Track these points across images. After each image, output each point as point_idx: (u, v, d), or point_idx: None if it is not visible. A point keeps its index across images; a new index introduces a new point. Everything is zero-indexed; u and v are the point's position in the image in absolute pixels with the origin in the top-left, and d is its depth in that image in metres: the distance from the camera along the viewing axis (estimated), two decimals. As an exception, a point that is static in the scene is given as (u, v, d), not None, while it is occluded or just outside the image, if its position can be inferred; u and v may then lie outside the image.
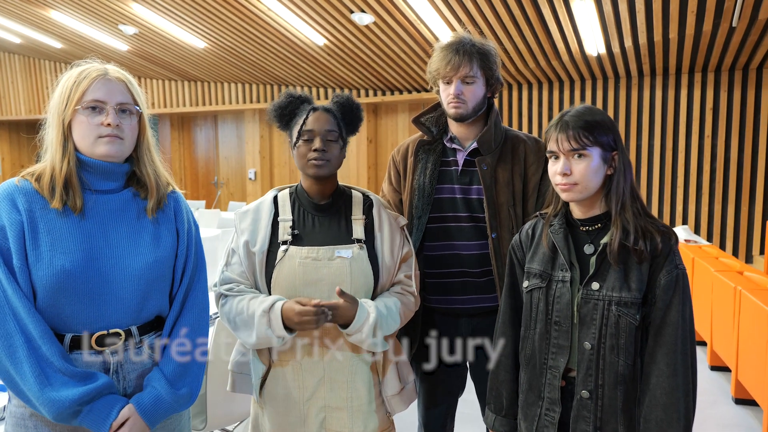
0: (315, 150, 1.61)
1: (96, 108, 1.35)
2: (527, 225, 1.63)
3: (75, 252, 1.31)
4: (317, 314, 1.49)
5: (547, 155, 1.48)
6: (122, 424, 1.32)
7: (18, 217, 1.29)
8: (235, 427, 2.67)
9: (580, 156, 1.40)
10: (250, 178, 10.70)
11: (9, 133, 13.01)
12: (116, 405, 1.32)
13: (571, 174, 1.41)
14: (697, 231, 7.34)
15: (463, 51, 1.83)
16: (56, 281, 1.28)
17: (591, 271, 1.42)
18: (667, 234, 1.40)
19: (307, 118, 1.65)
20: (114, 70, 1.41)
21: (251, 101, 10.22)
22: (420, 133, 2.03)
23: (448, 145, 1.96)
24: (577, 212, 1.49)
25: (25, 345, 1.24)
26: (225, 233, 5.96)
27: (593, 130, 1.39)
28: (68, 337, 1.32)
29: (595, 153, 1.40)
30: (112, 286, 1.35)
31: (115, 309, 1.35)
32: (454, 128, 1.95)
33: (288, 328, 1.55)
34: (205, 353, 1.52)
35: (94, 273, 1.32)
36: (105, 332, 1.35)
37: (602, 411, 1.40)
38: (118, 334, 1.37)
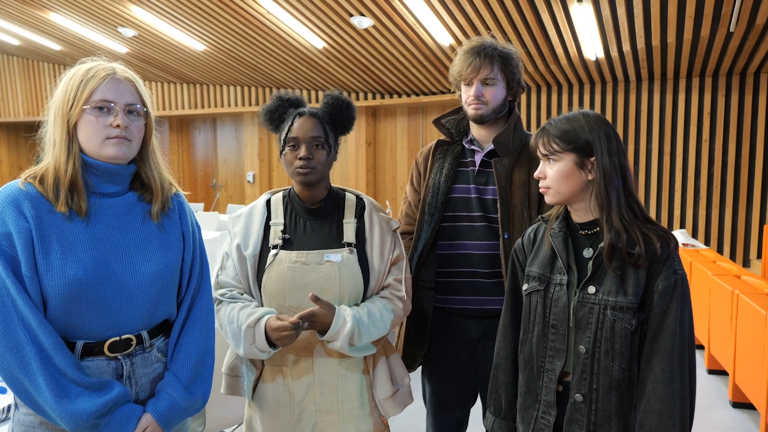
0: (300, 158, 1.60)
1: (104, 108, 1.30)
2: (530, 229, 1.64)
3: (86, 260, 1.28)
4: (293, 328, 1.48)
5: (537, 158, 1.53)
6: None
7: (25, 224, 1.24)
8: (233, 429, 2.67)
9: (552, 161, 1.46)
10: (249, 181, 10.70)
11: (7, 135, 13.00)
12: (134, 416, 1.31)
13: (545, 178, 1.47)
14: (694, 235, 7.36)
15: (484, 54, 1.85)
16: (69, 290, 1.25)
17: (588, 275, 1.43)
18: (667, 239, 1.39)
19: (292, 124, 1.63)
20: (122, 69, 1.37)
21: (250, 104, 10.23)
22: (443, 135, 2.07)
23: (467, 146, 1.99)
24: (575, 216, 1.50)
25: (38, 356, 1.21)
26: (223, 236, 5.97)
27: (564, 137, 1.43)
28: (80, 344, 1.30)
29: (567, 158, 1.43)
30: (125, 293, 1.32)
31: (127, 315, 1.33)
32: (475, 130, 1.98)
33: (272, 343, 1.54)
34: (212, 356, 1.51)
35: (106, 281, 1.30)
36: (117, 338, 1.33)
37: (596, 415, 1.40)
38: (130, 340, 1.35)
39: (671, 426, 1.33)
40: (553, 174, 1.45)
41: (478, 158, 1.95)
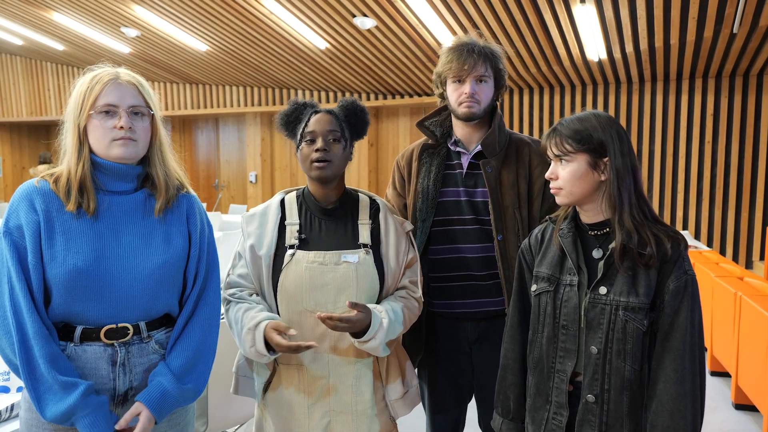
0: (317, 150, 1.61)
1: (109, 112, 1.40)
2: (537, 229, 1.63)
3: (87, 252, 1.37)
4: (293, 349, 1.49)
5: (548, 159, 1.51)
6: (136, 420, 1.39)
7: (35, 218, 1.35)
8: (236, 430, 2.67)
9: (564, 161, 1.44)
10: (251, 181, 10.71)
11: (10, 135, 13.00)
12: (107, 416, 1.37)
13: (557, 179, 1.46)
14: (697, 236, 7.35)
15: (476, 51, 1.84)
16: (69, 279, 1.35)
17: (599, 275, 1.42)
18: (677, 240, 1.40)
19: (309, 120, 1.65)
20: (125, 73, 1.45)
21: (253, 104, 10.24)
22: (424, 138, 2.04)
23: (452, 148, 1.96)
24: (584, 217, 1.50)
25: (19, 343, 1.31)
26: (226, 236, 5.97)
27: (577, 138, 1.42)
28: (79, 329, 1.39)
29: (580, 159, 1.43)
30: (122, 285, 1.40)
31: (124, 306, 1.41)
32: (459, 131, 1.95)
33: (271, 348, 1.54)
34: (212, 353, 1.55)
35: (104, 272, 1.38)
36: (114, 326, 1.40)
37: (607, 416, 1.40)
38: (126, 329, 1.41)
39: (683, 426, 1.34)
40: (566, 175, 1.44)
41: (464, 160, 1.93)
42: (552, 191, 1.49)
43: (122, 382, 1.42)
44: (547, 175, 1.48)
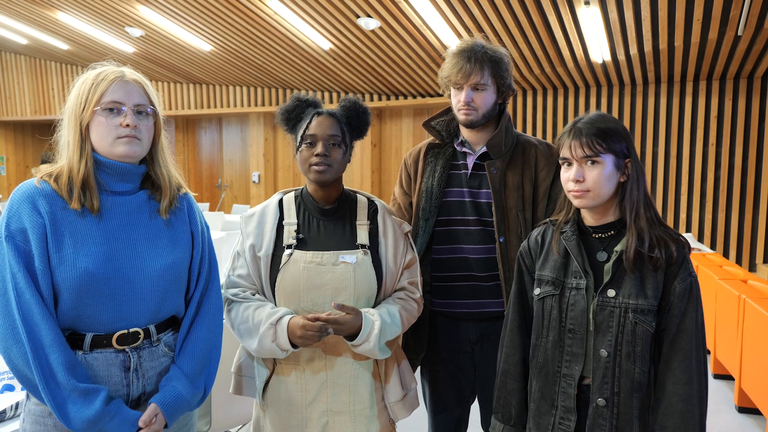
0: (317, 155, 1.61)
1: (114, 109, 1.36)
2: (536, 232, 1.61)
3: (97, 254, 1.33)
4: (320, 330, 1.50)
5: (560, 162, 1.48)
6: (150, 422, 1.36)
7: (40, 220, 1.30)
8: (239, 429, 2.67)
9: (593, 163, 1.41)
10: (254, 181, 10.71)
11: (14, 134, 13.03)
12: (129, 414, 1.34)
13: (584, 181, 1.41)
14: (700, 239, 7.33)
15: (475, 59, 1.81)
16: (80, 282, 1.30)
17: (606, 279, 1.42)
18: (681, 242, 1.41)
19: (310, 122, 1.64)
20: (130, 72, 1.43)
21: (256, 104, 10.24)
22: (432, 137, 2.04)
23: (458, 148, 1.96)
24: (589, 219, 1.49)
25: (33, 353, 1.24)
26: (229, 236, 5.98)
27: (606, 138, 1.39)
28: (89, 336, 1.34)
29: (608, 160, 1.40)
30: (133, 287, 1.37)
31: (135, 309, 1.38)
32: (465, 133, 1.95)
33: (292, 343, 1.56)
34: (219, 352, 1.55)
35: (116, 274, 1.34)
36: (125, 331, 1.37)
37: (618, 419, 1.40)
38: (137, 333, 1.39)
39: (692, 426, 1.35)
40: (596, 176, 1.40)
41: (470, 161, 1.93)
42: (576, 195, 1.44)
43: (136, 387, 1.40)
44: (574, 177, 1.43)
